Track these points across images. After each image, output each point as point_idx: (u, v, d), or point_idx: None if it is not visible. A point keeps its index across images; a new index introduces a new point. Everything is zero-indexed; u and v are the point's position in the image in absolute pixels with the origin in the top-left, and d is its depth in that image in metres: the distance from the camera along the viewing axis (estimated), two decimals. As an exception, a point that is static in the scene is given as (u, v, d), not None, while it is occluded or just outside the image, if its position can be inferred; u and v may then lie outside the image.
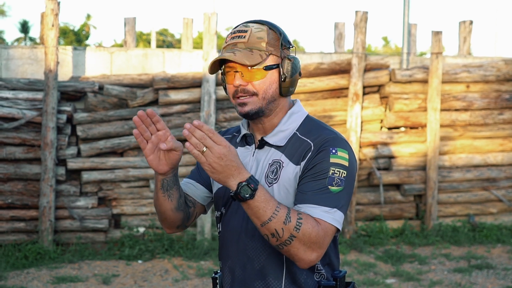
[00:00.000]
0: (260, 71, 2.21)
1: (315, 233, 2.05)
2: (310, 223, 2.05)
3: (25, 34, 48.40)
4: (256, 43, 2.21)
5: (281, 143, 2.26)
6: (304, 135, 2.24)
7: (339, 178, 2.13)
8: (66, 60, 8.81)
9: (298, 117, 2.30)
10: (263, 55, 2.20)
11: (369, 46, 50.97)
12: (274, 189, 2.21)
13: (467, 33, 11.07)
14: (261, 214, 2.02)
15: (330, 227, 2.09)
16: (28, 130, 8.16)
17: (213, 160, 1.97)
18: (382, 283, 7.25)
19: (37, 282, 7.14)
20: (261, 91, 2.22)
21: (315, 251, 2.06)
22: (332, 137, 2.20)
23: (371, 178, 9.07)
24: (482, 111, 9.29)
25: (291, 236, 2.03)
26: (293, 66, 2.24)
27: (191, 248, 8.31)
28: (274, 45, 2.23)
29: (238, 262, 2.29)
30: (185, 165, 8.59)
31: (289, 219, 2.03)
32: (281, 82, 2.23)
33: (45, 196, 8.01)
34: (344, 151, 2.17)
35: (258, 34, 2.22)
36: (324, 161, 2.14)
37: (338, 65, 8.92)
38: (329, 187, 2.11)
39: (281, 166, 2.22)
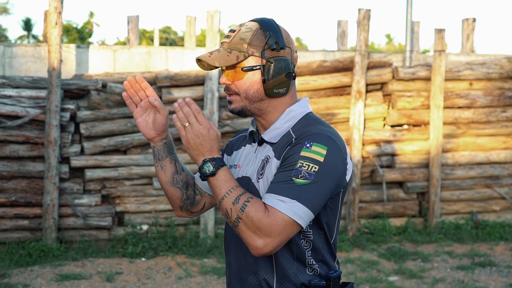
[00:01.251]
0: (240, 71, 2.25)
1: (258, 217, 2.05)
2: (256, 207, 2.07)
3: (28, 32, 48.47)
4: (237, 44, 2.24)
5: (274, 140, 2.28)
6: (295, 131, 2.25)
7: (306, 172, 2.09)
8: (70, 58, 8.82)
9: (296, 115, 2.30)
10: (240, 56, 2.23)
11: (372, 44, 50.94)
12: (260, 184, 2.24)
13: (470, 31, 11.07)
14: (217, 193, 2.12)
15: (281, 216, 2.05)
16: (31, 128, 8.18)
17: (190, 136, 2.14)
18: (385, 280, 7.25)
19: (41, 280, 7.16)
20: (241, 91, 2.27)
21: (261, 237, 2.05)
22: (315, 132, 2.18)
23: (374, 175, 9.07)
24: (485, 108, 9.29)
25: (238, 217, 2.07)
26: (274, 68, 2.23)
27: (194, 245, 8.33)
28: (256, 46, 2.24)
29: (235, 256, 2.35)
30: (188, 163, 8.60)
31: (238, 200, 2.08)
32: (264, 84, 2.26)
33: (49, 194, 8.03)
34: (322, 146, 2.13)
35: (243, 35, 2.24)
36: (295, 154, 2.13)
37: (341, 62, 8.92)
38: (293, 179, 2.08)
39: (268, 161, 2.24)
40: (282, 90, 2.27)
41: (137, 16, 10.57)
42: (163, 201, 8.52)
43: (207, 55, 2.24)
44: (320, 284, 2.21)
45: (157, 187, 8.48)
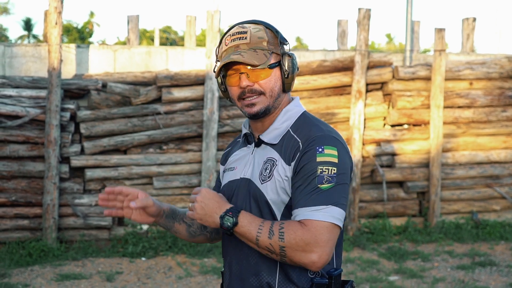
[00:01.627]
0: (265, 70, 2.24)
1: (299, 236, 2.07)
2: (292, 228, 2.09)
3: (28, 32, 48.47)
4: (258, 43, 2.24)
5: (274, 141, 2.29)
6: (296, 132, 2.26)
7: (328, 176, 2.13)
8: (70, 58, 8.82)
9: (293, 114, 2.31)
10: (267, 54, 2.24)
11: (373, 43, 50.92)
12: (267, 187, 2.23)
13: (470, 30, 11.06)
14: (249, 237, 2.14)
15: (321, 224, 2.08)
16: (31, 127, 8.18)
17: (199, 209, 2.20)
18: (385, 280, 7.25)
19: (41, 279, 7.16)
20: (268, 89, 2.26)
21: (313, 251, 2.08)
22: (319, 135, 2.20)
23: (374, 175, 9.07)
24: (485, 108, 9.28)
25: (281, 247, 2.09)
26: (293, 62, 2.28)
27: (194, 245, 8.33)
28: (274, 44, 2.27)
29: (235, 258, 2.34)
30: (189, 163, 8.61)
31: (272, 232, 2.10)
32: (284, 79, 2.28)
33: (49, 194, 8.03)
34: (332, 148, 2.17)
35: (258, 34, 2.26)
36: (311, 161, 2.15)
37: (341, 62, 8.92)
38: (319, 186, 2.11)
39: (275, 164, 2.24)
40: (292, 85, 2.33)
41: (137, 16, 10.57)
42: (163, 201, 8.52)
43: (238, 56, 2.21)
44: (322, 282, 2.21)
45: (157, 186, 8.48)
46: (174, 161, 8.54)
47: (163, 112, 8.49)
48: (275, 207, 2.23)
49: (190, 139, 8.69)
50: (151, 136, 8.45)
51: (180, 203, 8.57)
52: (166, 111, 8.51)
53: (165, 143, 8.61)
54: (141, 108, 8.45)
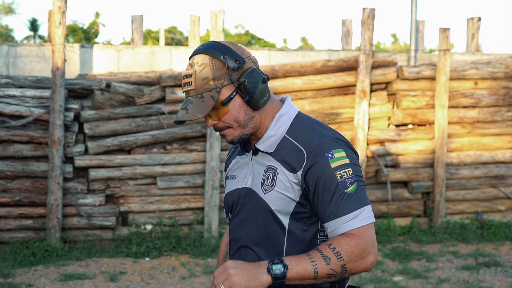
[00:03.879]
0: (221, 107, 2.20)
1: (354, 246, 2.08)
2: (344, 243, 2.08)
3: (34, 32, 48.57)
4: (204, 86, 2.18)
5: (270, 149, 2.25)
6: (293, 137, 2.23)
7: (349, 178, 2.13)
8: (74, 58, 8.82)
9: (287, 119, 2.28)
10: (214, 94, 2.17)
11: (378, 43, 50.89)
12: (271, 196, 2.21)
13: (475, 30, 11.03)
14: (305, 274, 2.08)
15: (364, 229, 2.10)
16: (35, 127, 8.18)
17: (235, 278, 2.05)
18: (389, 280, 7.23)
19: (45, 279, 7.16)
20: (231, 122, 2.22)
21: (369, 256, 2.10)
22: (321, 141, 2.18)
23: (379, 175, 9.05)
24: (490, 108, 9.25)
25: (342, 266, 2.07)
26: (250, 85, 2.19)
27: (198, 245, 8.31)
28: (222, 77, 2.18)
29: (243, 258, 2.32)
30: (193, 163, 8.59)
31: (328, 258, 2.07)
32: (248, 102, 2.22)
33: (53, 194, 8.03)
34: (339, 149, 2.17)
35: (202, 74, 2.17)
36: (327, 170, 2.14)
37: (346, 62, 8.90)
38: (346, 191, 2.12)
39: (276, 173, 2.22)
40: (266, 97, 2.24)
41: (141, 16, 10.56)
42: (167, 201, 8.51)
43: (183, 113, 2.18)
44: (323, 287, 2.20)
45: (161, 186, 8.47)
46: (178, 161, 8.53)
47: (167, 112, 8.48)
48: (281, 216, 2.21)
49: (194, 139, 8.68)
50: (155, 136, 8.45)
51: (184, 203, 8.56)
52: (170, 111, 8.50)
53: (169, 143, 8.60)
54: (145, 108, 8.45)
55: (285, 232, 2.22)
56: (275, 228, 2.22)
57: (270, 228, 2.23)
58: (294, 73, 8.78)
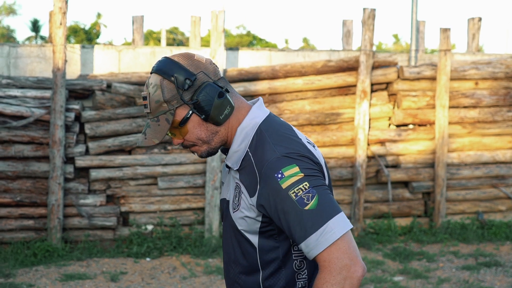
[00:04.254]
0: (180, 128, 2.17)
1: (332, 278, 1.95)
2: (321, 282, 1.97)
3: (36, 33, 48.61)
4: (158, 108, 2.14)
5: (236, 166, 2.18)
6: (253, 155, 2.13)
7: (305, 194, 2.00)
8: (74, 58, 8.84)
9: (249, 132, 2.18)
10: (169, 117, 2.13)
11: (380, 44, 50.86)
12: (237, 216, 2.17)
13: (476, 30, 11.03)
14: None
15: (334, 247, 1.97)
16: (36, 128, 8.19)
17: None
18: (389, 280, 7.24)
19: (46, 280, 7.17)
20: (194, 139, 2.19)
21: (351, 272, 1.95)
22: (272, 159, 2.05)
23: (379, 175, 9.05)
24: (491, 108, 9.25)
25: None
26: (203, 103, 2.13)
27: (199, 245, 8.32)
28: (173, 98, 2.13)
29: (227, 282, 2.32)
30: (193, 163, 8.60)
31: None
32: (206, 121, 2.17)
33: (54, 194, 8.04)
34: (290, 166, 2.03)
35: (155, 97, 2.13)
36: (279, 192, 2.02)
37: (346, 62, 8.90)
38: (305, 208, 1.98)
39: (241, 192, 2.15)
40: (227, 111, 2.16)
41: (142, 16, 10.58)
42: (167, 201, 8.52)
43: (142, 138, 2.17)
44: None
45: (161, 187, 8.48)
46: (179, 161, 8.54)
47: (168, 112, 8.48)
48: (249, 236, 2.17)
49: None
50: (155, 136, 8.43)
51: (185, 203, 8.57)
52: (171, 111, 8.50)
53: (169, 144, 8.61)
54: (146, 108, 8.44)
55: (256, 251, 2.17)
56: (247, 247, 2.18)
57: (242, 246, 2.20)
58: (294, 73, 8.79)
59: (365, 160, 8.86)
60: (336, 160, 8.96)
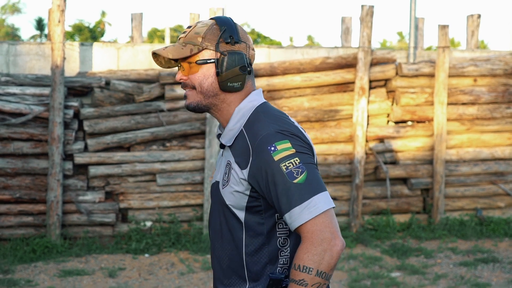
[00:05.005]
0: (194, 65, 2.27)
1: (313, 248, 2.05)
2: (303, 253, 2.05)
3: (40, 32, 48.69)
4: (192, 38, 2.26)
5: (229, 142, 2.27)
6: (247, 132, 2.24)
7: (296, 168, 2.11)
8: (73, 56, 8.88)
9: (246, 112, 2.29)
10: (194, 49, 2.25)
11: (384, 41, 50.83)
12: (226, 191, 2.24)
13: (475, 27, 11.03)
14: None
15: (316, 220, 2.06)
16: (35, 125, 8.23)
17: None
18: (386, 276, 7.26)
19: (44, 276, 7.22)
20: (196, 84, 2.28)
21: (330, 245, 2.05)
22: (265, 134, 2.16)
23: (378, 172, 9.07)
24: (490, 105, 9.26)
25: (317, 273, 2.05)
26: (228, 61, 2.25)
27: (197, 242, 8.36)
28: (211, 40, 2.26)
29: (213, 261, 2.38)
30: (192, 160, 8.63)
31: (302, 281, 2.05)
32: (218, 77, 2.27)
33: (53, 191, 8.08)
34: (283, 141, 2.14)
35: (198, 29, 2.27)
36: (270, 163, 2.12)
37: (344, 59, 8.92)
38: (294, 182, 2.09)
39: (231, 168, 2.23)
40: (236, 84, 2.27)
41: (141, 14, 10.61)
42: (166, 198, 8.56)
43: (161, 49, 2.27)
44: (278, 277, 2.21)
45: (160, 183, 8.51)
46: (177, 158, 8.57)
47: (166, 109, 8.53)
48: (236, 211, 2.24)
49: (193, 136, 8.72)
50: (154, 133, 8.49)
51: (184, 199, 8.60)
52: (169, 108, 8.55)
53: (168, 140, 8.64)
54: (144, 105, 8.49)
55: (242, 226, 2.24)
56: (233, 222, 2.25)
57: (229, 222, 2.26)
58: (293, 70, 8.82)
59: (364, 156, 8.87)
60: (334, 157, 8.97)
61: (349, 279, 7.18)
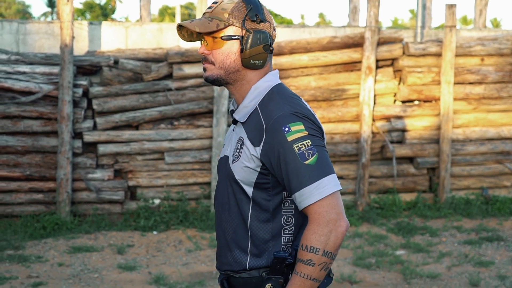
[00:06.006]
0: (219, 40, 2.33)
1: (319, 229, 2.14)
2: (310, 233, 2.14)
3: (52, 9, 48.73)
4: (219, 14, 2.32)
5: (243, 119, 2.34)
6: (261, 111, 2.30)
7: (307, 150, 2.18)
8: (82, 35, 8.95)
9: (261, 91, 2.35)
10: (220, 25, 2.31)
11: (396, 19, 50.59)
12: (236, 166, 2.31)
13: (483, 6, 11.02)
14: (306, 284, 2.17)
15: (324, 201, 2.16)
16: (45, 103, 8.33)
17: None
18: (391, 254, 7.34)
19: (54, 252, 7.35)
20: (218, 60, 2.34)
21: (336, 226, 2.15)
22: (280, 115, 2.23)
23: (384, 151, 9.13)
24: (497, 84, 9.27)
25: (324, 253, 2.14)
26: (252, 38, 2.32)
27: (205, 219, 8.46)
28: (237, 17, 2.32)
29: (218, 233, 2.45)
30: (199, 138, 8.71)
31: (309, 260, 2.14)
32: (241, 53, 2.33)
33: (62, 168, 8.19)
34: (297, 123, 2.22)
35: (225, 5, 2.33)
36: (283, 143, 2.20)
37: (351, 38, 8.94)
38: (305, 163, 2.17)
39: (243, 144, 2.30)
40: (258, 62, 2.34)
41: (150, -8, 10.65)
42: (174, 176, 8.65)
43: (187, 22, 2.32)
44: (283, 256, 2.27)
45: (168, 162, 8.61)
46: (185, 137, 8.66)
47: (174, 88, 8.60)
48: (245, 186, 2.30)
49: (201, 115, 8.80)
50: (162, 112, 8.57)
51: (191, 178, 8.69)
52: (177, 87, 8.62)
53: (176, 119, 8.72)
54: (153, 84, 8.56)
55: (249, 201, 2.31)
56: (241, 197, 2.32)
57: (237, 196, 2.33)
58: (300, 49, 8.85)
59: (370, 136, 8.93)
60: (341, 136, 9.03)
61: (354, 257, 7.26)
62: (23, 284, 6.34)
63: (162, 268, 6.90)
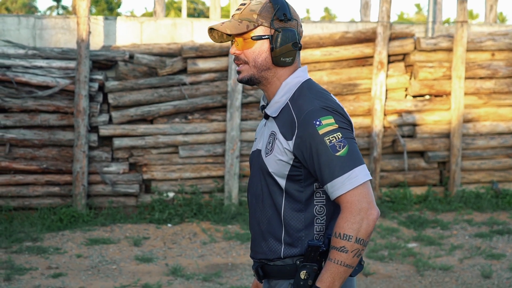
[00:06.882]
0: (249, 41, 2.42)
1: (351, 217, 2.23)
2: (343, 221, 2.24)
3: (57, 3, 48.74)
4: (248, 15, 2.41)
5: (275, 114, 2.44)
6: (293, 105, 2.39)
7: (338, 142, 2.27)
8: (98, 29, 9.04)
9: (292, 87, 2.43)
10: (250, 25, 2.40)
11: (402, 13, 50.52)
12: (270, 159, 2.41)
13: (493, 1, 11.08)
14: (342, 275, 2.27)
15: (356, 190, 2.24)
16: (61, 97, 8.43)
17: None
18: (403, 247, 7.44)
19: (71, 244, 7.46)
20: (250, 59, 2.43)
21: (368, 214, 2.23)
22: (311, 109, 2.32)
23: (396, 145, 9.21)
24: (507, 79, 9.35)
25: (356, 240, 2.23)
26: (282, 37, 2.39)
27: (219, 212, 8.56)
28: (265, 17, 2.40)
29: (252, 223, 2.55)
30: (213, 132, 8.80)
31: (343, 248, 2.23)
32: (271, 52, 2.42)
33: (78, 162, 8.30)
34: (327, 117, 2.30)
35: (253, 7, 2.42)
36: (315, 137, 2.29)
37: (363, 33, 9.03)
38: (337, 154, 2.26)
39: (276, 138, 2.40)
40: (288, 59, 2.42)
41: (162, -13, 10.74)
42: (188, 169, 8.75)
43: (218, 25, 2.42)
44: (317, 244, 2.36)
45: (182, 155, 8.71)
46: (199, 131, 8.75)
47: (189, 82, 8.70)
48: (278, 178, 2.40)
49: (214, 109, 8.89)
50: (176, 106, 8.67)
51: (205, 171, 8.79)
52: (191, 81, 8.71)
53: (190, 113, 8.82)
54: (167, 79, 8.66)
55: (283, 193, 2.41)
56: (275, 189, 2.42)
57: (270, 188, 2.43)
58: (312, 44, 8.94)
59: (382, 130, 9.02)
60: (353, 130, 9.10)
61: (367, 250, 7.36)
62: (43, 275, 6.46)
63: (178, 260, 7.02)
